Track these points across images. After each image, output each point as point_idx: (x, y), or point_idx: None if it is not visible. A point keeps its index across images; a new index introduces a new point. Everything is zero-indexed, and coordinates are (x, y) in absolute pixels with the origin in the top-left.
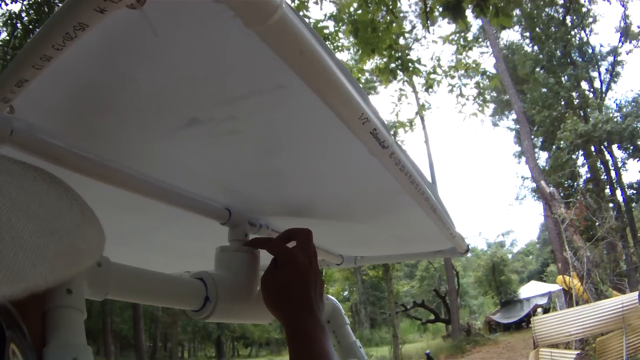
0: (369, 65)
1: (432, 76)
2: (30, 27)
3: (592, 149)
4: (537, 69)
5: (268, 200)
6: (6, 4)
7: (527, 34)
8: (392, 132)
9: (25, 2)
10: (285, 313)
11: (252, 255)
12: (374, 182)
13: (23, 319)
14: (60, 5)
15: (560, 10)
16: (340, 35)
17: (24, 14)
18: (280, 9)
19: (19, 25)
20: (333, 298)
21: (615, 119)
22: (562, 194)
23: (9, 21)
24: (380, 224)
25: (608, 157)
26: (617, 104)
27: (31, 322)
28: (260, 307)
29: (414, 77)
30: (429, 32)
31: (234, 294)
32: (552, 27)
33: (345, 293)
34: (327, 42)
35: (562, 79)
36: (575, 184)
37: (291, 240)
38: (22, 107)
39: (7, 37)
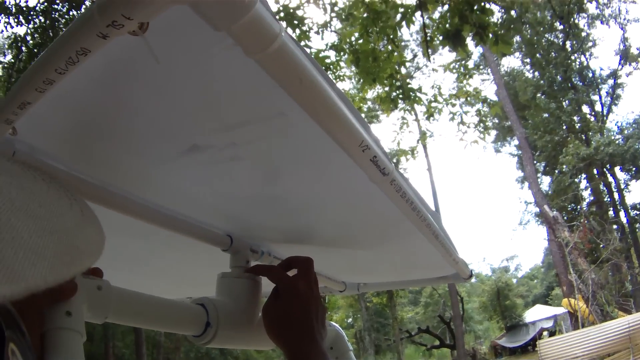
0: (371, 94)
1: (433, 104)
2: (35, 50)
3: (595, 171)
4: (538, 95)
5: (270, 227)
6: (12, 27)
7: (528, 60)
8: (394, 160)
9: (30, 26)
10: (287, 341)
11: (254, 282)
12: (376, 209)
13: None
14: (64, 29)
15: (560, 35)
16: (342, 64)
17: (29, 37)
18: (280, 38)
19: (24, 48)
20: (336, 324)
21: (616, 141)
22: (565, 218)
23: (14, 44)
24: (383, 251)
25: (611, 179)
26: (618, 126)
27: (32, 342)
28: (261, 333)
29: (416, 105)
30: (429, 60)
31: (235, 320)
32: (552, 53)
33: (350, 320)
34: (328, 72)
35: (563, 103)
36: (579, 207)
37: (292, 268)
38: (24, 129)
39: (12, 60)
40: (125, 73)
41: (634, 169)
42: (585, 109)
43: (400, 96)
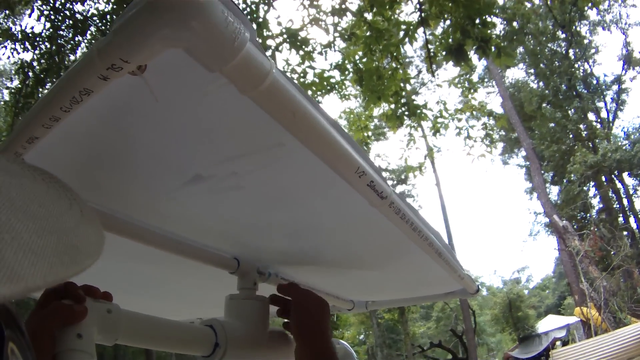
0: (377, 111)
1: (439, 120)
2: (42, 75)
3: (603, 179)
4: (544, 104)
5: (276, 249)
6: (18, 53)
7: (532, 70)
8: (402, 177)
9: (36, 52)
10: (314, 339)
11: (261, 303)
12: (379, 230)
13: None
14: (68, 69)
15: (563, 44)
16: (347, 83)
17: (35, 63)
18: (271, 75)
19: (30, 73)
20: (345, 343)
21: (624, 147)
22: (575, 227)
23: (20, 69)
24: (389, 270)
25: (619, 185)
26: (624, 132)
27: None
28: (269, 353)
29: (422, 121)
30: (434, 76)
31: (243, 340)
32: (556, 62)
33: (361, 337)
34: (333, 91)
35: (569, 112)
36: (588, 215)
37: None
38: (31, 160)
39: (19, 85)
40: (128, 109)
41: None
42: (591, 116)
43: (406, 113)
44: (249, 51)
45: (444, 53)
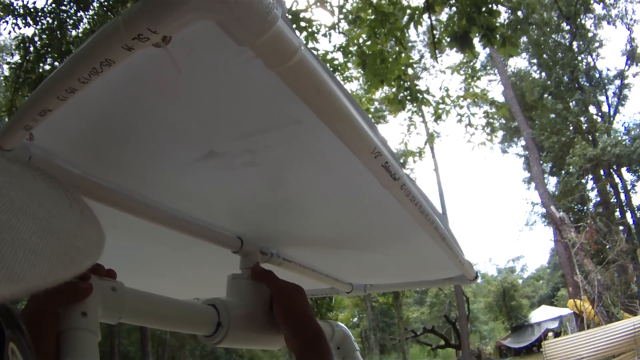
0: (378, 94)
1: (441, 106)
2: (43, 51)
3: (602, 172)
4: (545, 95)
5: (279, 229)
6: (19, 28)
7: (535, 60)
8: (401, 161)
9: (38, 27)
10: (301, 327)
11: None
12: (384, 212)
13: (38, 340)
14: (89, 39)
15: (567, 36)
16: (350, 65)
17: (36, 38)
18: (300, 51)
19: (31, 49)
20: (343, 325)
21: (623, 142)
22: (572, 219)
23: (21, 45)
24: (390, 253)
25: (617, 180)
26: (625, 127)
27: (46, 343)
28: (270, 333)
29: (423, 107)
30: (437, 62)
31: (245, 320)
32: (559, 53)
33: (355, 319)
34: (336, 73)
35: (570, 104)
36: (585, 208)
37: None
38: (41, 134)
39: (20, 60)
40: (145, 81)
41: None
42: (592, 109)
43: (408, 97)
44: (280, 27)
45: (448, 39)
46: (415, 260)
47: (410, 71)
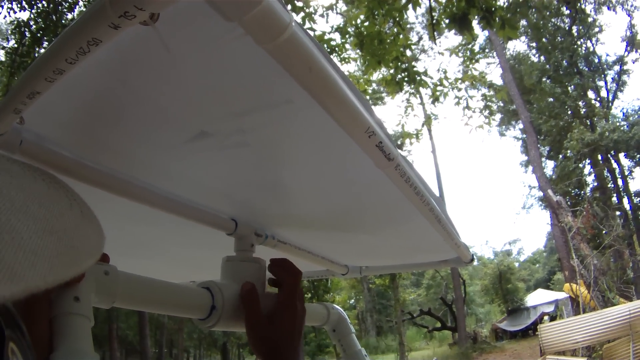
0: (376, 76)
1: (439, 88)
2: (38, 35)
3: (599, 157)
4: (544, 79)
5: (274, 211)
6: (15, 12)
7: (534, 44)
8: (398, 142)
9: (33, 11)
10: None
11: (258, 265)
12: (379, 193)
13: (30, 325)
14: (75, 19)
15: (567, 20)
16: (347, 46)
17: (32, 22)
18: (290, 28)
19: (27, 33)
20: (339, 307)
21: (621, 128)
22: (569, 203)
23: (17, 29)
24: (386, 235)
25: (615, 165)
26: (623, 113)
27: (38, 328)
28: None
29: (421, 89)
30: (435, 44)
31: (239, 303)
32: (559, 37)
33: (352, 301)
34: (333, 54)
35: (569, 88)
36: (582, 192)
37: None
38: (31, 117)
39: (16, 45)
40: (134, 61)
41: (638, 156)
42: (591, 94)
43: (406, 79)
44: (270, 2)
45: (447, 21)
46: (411, 243)
47: (408, 53)
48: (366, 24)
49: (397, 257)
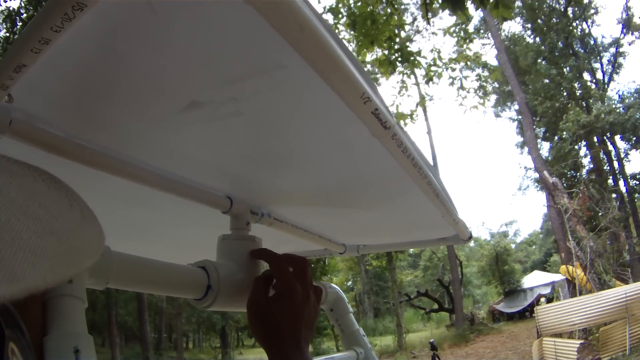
0: (370, 57)
1: (433, 68)
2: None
3: (595, 139)
4: (539, 60)
5: (270, 187)
6: (5, 1)
7: (529, 25)
8: None
9: None
10: (272, 346)
11: (254, 244)
12: (376, 166)
13: (22, 308)
14: None
15: (562, 1)
16: (340, 27)
17: (22, 11)
18: None
19: (18, 21)
20: (336, 287)
21: (617, 110)
22: (565, 185)
23: (8, 18)
24: (383, 211)
25: (611, 147)
26: (619, 95)
27: (31, 311)
28: None
29: (416, 69)
30: (429, 24)
31: (236, 282)
32: (554, 19)
33: (349, 283)
34: None
35: (564, 70)
36: (578, 174)
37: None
38: (20, 95)
39: (7, 34)
40: (121, 30)
41: (634, 138)
42: (587, 76)
43: (399, 59)
44: None
45: (440, 1)
46: (408, 219)
47: (402, 34)
48: (359, 4)
49: (394, 235)
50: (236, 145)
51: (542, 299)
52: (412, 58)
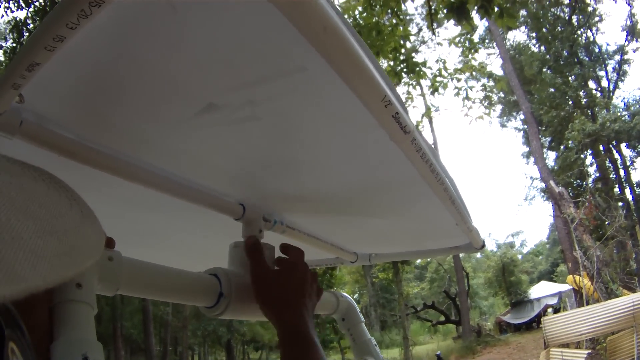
0: None
1: (438, 79)
2: None
3: (601, 148)
4: (544, 69)
5: (282, 195)
6: (12, 11)
7: (534, 34)
8: None
9: (31, 9)
10: (280, 314)
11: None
12: (391, 173)
13: (28, 314)
14: None
15: (566, 10)
16: None
17: (29, 21)
18: None
19: (25, 32)
20: (348, 295)
21: (623, 118)
22: (571, 194)
23: (15, 28)
24: (397, 219)
25: (617, 156)
26: (624, 103)
27: (37, 316)
28: None
29: (422, 80)
30: (434, 34)
31: (248, 290)
32: (559, 27)
33: (356, 295)
34: None
35: (569, 78)
36: (584, 183)
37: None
38: (31, 96)
39: (14, 44)
40: (138, 28)
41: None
42: (592, 84)
43: (405, 70)
44: None
45: (445, 11)
46: (422, 228)
47: (408, 45)
48: (364, 15)
49: (407, 244)
50: (250, 151)
51: (549, 310)
52: (417, 69)
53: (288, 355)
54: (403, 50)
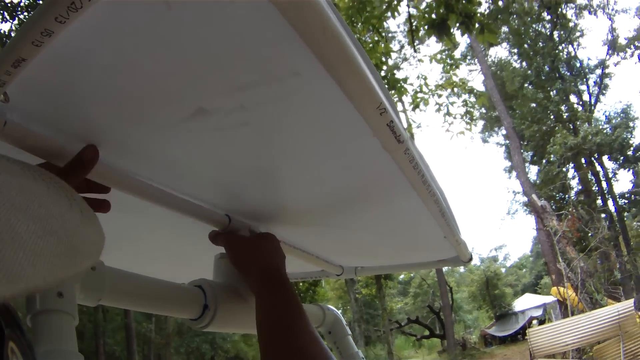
0: None
1: (419, 95)
2: None
3: (583, 161)
4: (526, 85)
5: (269, 207)
6: None
7: (515, 50)
8: None
9: (15, 22)
10: (262, 284)
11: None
12: (381, 184)
13: None
14: None
15: (548, 25)
16: None
17: (13, 34)
18: None
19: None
20: (334, 308)
21: (604, 131)
22: (553, 207)
23: None
24: (383, 231)
25: (599, 168)
26: (606, 116)
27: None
28: None
29: (403, 96)
30: (415, 51)
31: (233, 302)
32: (540, 43)
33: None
34: None
35: (551, 93)
36: (567, 196)
37: None
38: (17, 96)
39: None
40: (126, 26)
41: (621, 157)
42: (573, 98)
43: (386, 86)
44: None
45: (426, 27)
46: (409, 240)
47: (390, 62)
48: None
49: (393, 257)
50: (238, 160)
51: (534, 321)
52: (399, 85)
53: (271, 302)
54: (385, 67)
